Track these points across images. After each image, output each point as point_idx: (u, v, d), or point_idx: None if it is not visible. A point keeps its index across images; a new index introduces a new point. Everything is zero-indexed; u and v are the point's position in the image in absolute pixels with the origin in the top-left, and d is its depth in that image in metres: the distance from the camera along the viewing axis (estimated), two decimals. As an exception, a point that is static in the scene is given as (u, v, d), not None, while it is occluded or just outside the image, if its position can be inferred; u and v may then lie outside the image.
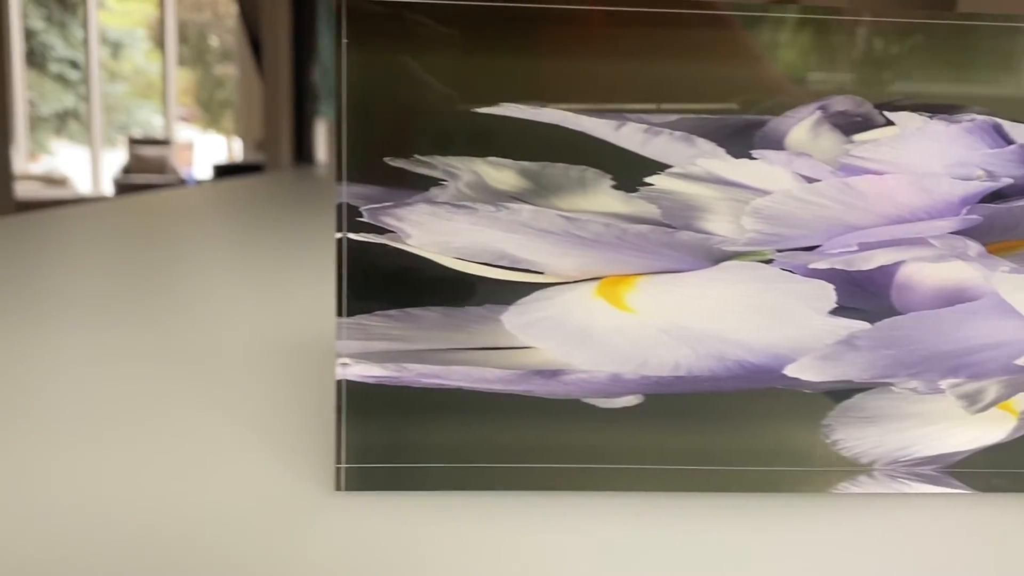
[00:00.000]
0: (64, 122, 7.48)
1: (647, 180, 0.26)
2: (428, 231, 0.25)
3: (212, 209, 1.32)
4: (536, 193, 0.26)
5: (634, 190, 0.26)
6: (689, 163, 0.26)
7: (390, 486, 0.27)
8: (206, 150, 7.11)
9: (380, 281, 0.26)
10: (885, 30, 0.26)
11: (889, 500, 0.28)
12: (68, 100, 7.38)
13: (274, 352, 0.43)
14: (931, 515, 0.27)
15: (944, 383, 0.27)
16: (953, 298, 0.27)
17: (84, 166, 6.57)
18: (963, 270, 0.27)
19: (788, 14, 0.25)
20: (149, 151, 5.72)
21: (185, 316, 0.51)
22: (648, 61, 0.25)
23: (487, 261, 0.26)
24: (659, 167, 0.26)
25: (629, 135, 0.26)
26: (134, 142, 5.81)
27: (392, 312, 0.26)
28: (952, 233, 0.26)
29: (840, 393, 0.27)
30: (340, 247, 0.25)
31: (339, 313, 0.26)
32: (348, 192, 0.25)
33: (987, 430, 0.28)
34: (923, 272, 0.27)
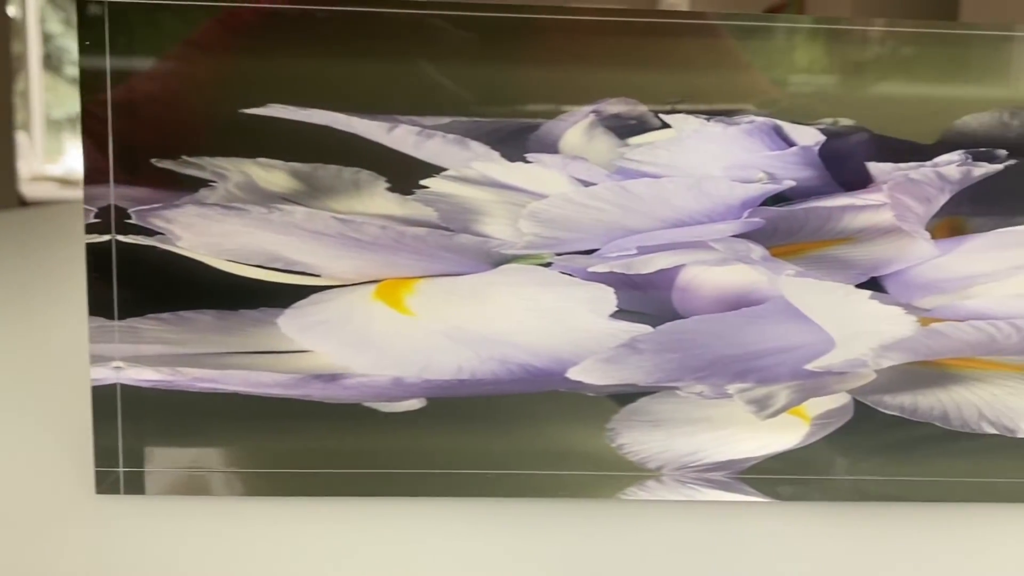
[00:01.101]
0: (76, 125, 7.54)
1: (422, 183, 0.26)
2: (198, 233, 0.25)
3: None
4: (309, 195, 0.25)
5: (410, 193, 0.26)
6: (464, 166, 0.26)
7: (156, 491, 0.27)
8: None
9: (151, 284, 0.26)
10: (658, 30, 0.25)
11: (679, 506, 0.27)
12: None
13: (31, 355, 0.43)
14: (722, 522, 0.27)
15: (732, 388, 0.27)
16: (737, 302, 0.26)
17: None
18: (747, 274, 0.26)
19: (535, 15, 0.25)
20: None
21: None
22: (413, 63, 0.25)
23: (260, 263, 0.26)
24: (434, 170, 0.26)
25: (402, 137, 0.25)
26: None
27: (164, 315, 0.26)
28: (734, 236, 0.26)
29: (624, 396, 0.27)
30: (109, 249, 0.25)
31: (110, 316, 0.26)
32: (116, 194, 0.25)
33: (779, 436, 0.27)
34: (705, 276, 0.26)
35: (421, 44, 0.25)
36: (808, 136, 0.26)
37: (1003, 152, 0.26)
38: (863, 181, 0.26)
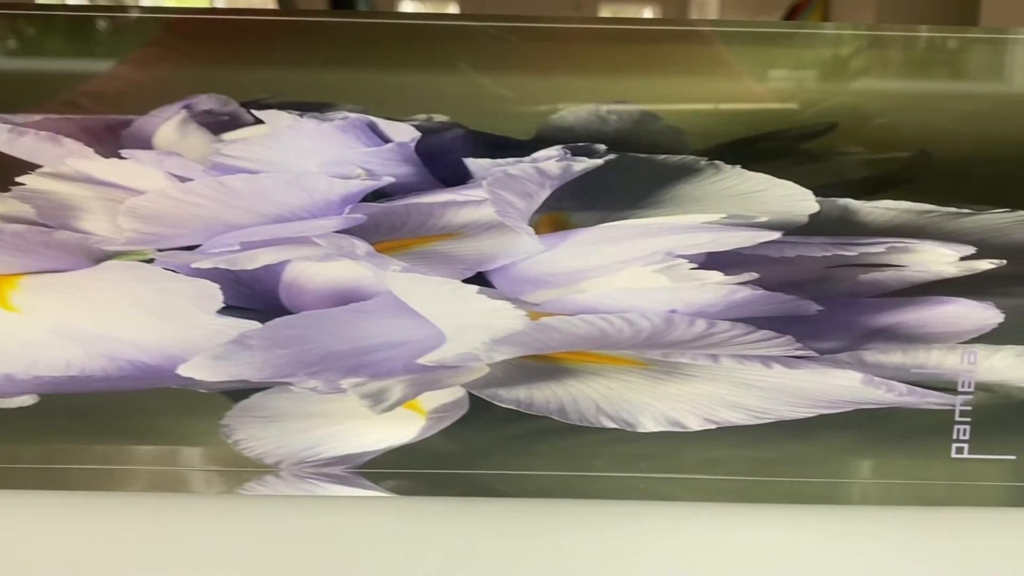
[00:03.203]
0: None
1: (18, 180, 0.26)
2: None
3: None
4: (-97, 193, 0.25)
5: (7, 190, 0.26)
6: (59, 163, 0.26)
7: None
8: None
9: None
10: (249, 27, 0.25)
11: (298, 501, 0.27)
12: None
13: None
14: (341, 517, 0.27)
15: (345, 383, 0.27)
16: (345, 297, 0.26)
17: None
18: (352, 269, 0.26)
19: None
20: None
21: None
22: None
23: None
24: (30, 167, 0.26)
25: (-6, 134, 0.25)
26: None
27: None
28: (337, 232, 0.26)
29: (238, 393, 0.27)
30: None
31: None
32: None
33: (395, 430, 0.27)
34: (310, 271, 0.26)
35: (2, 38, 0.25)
36: (403, 132, 0.26)
37: (602, 147, 0.26)
38: (462, 177, 0.26)
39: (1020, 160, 0.26)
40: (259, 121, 0.26)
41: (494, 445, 0.27)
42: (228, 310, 0.26)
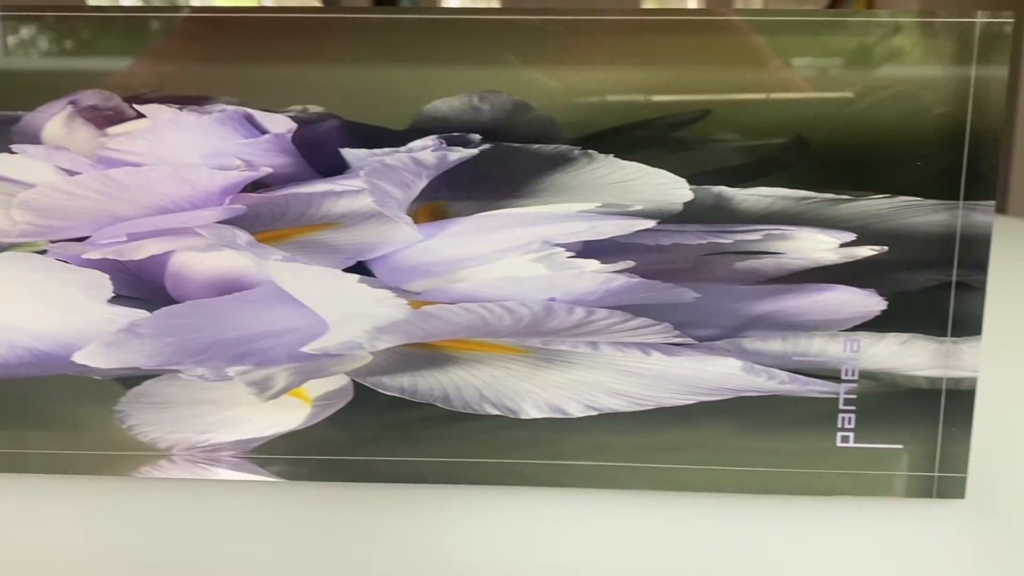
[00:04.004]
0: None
1: (-83, 174, 0.27)
2: None
3: None
4: None
5: (-94, 184, 0.27)
6: (-46, 158, 0.27)
7: None
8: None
9: None
10: (123, 23, 0.26)
11: (192, 484, 0.28)
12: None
13: None
14: (231, 500, 0.28)
15: (232, 370, 0.27)
16: (229, 286, 0.27)
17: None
18: (235, 259, 0.27)
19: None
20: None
21: None
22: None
23: None
24: (-72, 162, 0.27)
25: None
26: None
27: None
28: (219, 223, 0.27)
29: (130, 379, 0.28)
30: None
31: None
32: None
33: (282, 417, 0.28)
34: (194, 261, 0.27)
35: None
36: (279, 124, 0.26)
37: (477, 136, 0.26)
38: (340, 167, 0.27)
39: (897, 144, 0.26)
40: (141, 115, 0.26)
41: (379, 432, 0.28)
42: (118, 299, 0.27)
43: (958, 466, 0.27)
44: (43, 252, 0.27)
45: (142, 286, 0.27)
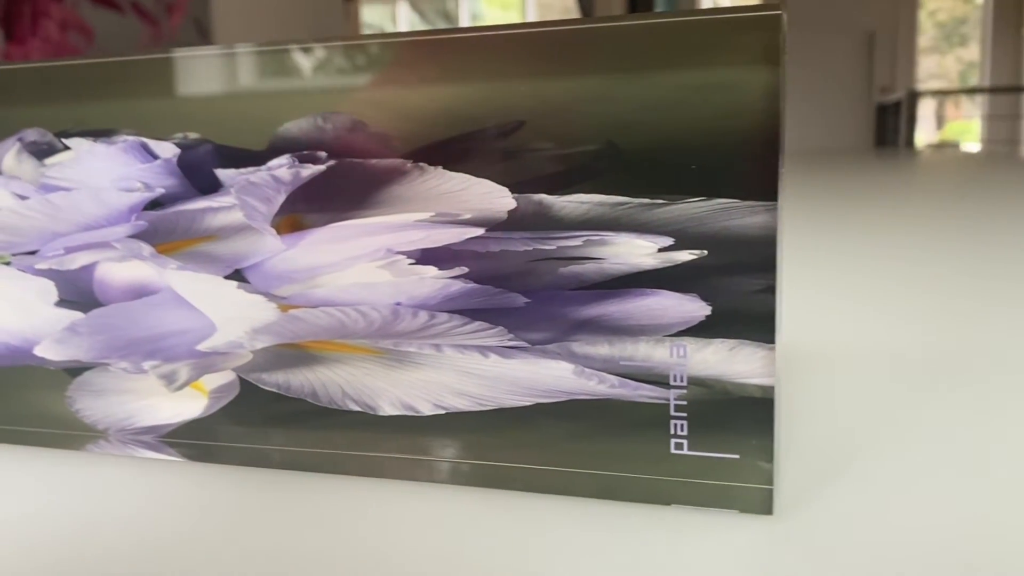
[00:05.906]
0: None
1: (-77, 202, 0.33)
2: None
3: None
4: None
5: (-83, 210, 0.34)
6: (-55, 188, 0.33)
7: None
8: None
9: None
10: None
11: (125, 461, 0.33)
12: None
13: None
14: (155, 476, 0.32)
15: (147, 364, 0.32)
16: (139, 292, 0.31)
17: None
18: (142, 268, 0.31)
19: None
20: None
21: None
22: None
23: None
24: (-71, 192, 0.33)
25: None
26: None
27: None
28: (129, 237, 0.31)
29: (75, 370, 0.33)
30: None
31: None
32: None
33: (187, 406, 0.32)
34: (113, 270, 0.32)
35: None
36: (167, 150, 0.30)
37: (323, 154, 0.29)
38: (215, 186, 0.30)
39: (707, 147, 0.25)
40: (67, 148, 0.31)
41: (261, 422, 0.31)
42: (62, 303, 0.32)
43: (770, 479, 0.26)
44: (7, 263, 0.33)
45: (80, 292, 0.32)
